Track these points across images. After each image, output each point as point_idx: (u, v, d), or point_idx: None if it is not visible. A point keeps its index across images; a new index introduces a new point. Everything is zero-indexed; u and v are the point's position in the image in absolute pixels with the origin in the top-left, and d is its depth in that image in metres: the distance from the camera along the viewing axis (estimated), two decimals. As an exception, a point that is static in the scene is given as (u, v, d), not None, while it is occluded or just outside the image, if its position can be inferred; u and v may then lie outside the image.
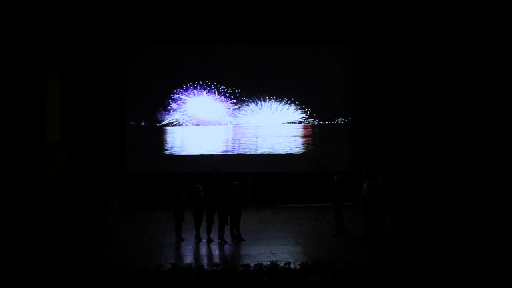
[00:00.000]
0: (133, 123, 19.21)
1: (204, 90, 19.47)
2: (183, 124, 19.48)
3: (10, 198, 15.15)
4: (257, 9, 18.16)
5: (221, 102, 19.55)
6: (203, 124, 19.54)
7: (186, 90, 19.40)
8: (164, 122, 19.36)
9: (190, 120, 19.49)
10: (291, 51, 19.62)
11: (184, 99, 19.42)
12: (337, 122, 19.88)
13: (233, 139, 19.66)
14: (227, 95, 19.53)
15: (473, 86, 17.46)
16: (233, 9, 18.20)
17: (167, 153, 19.40)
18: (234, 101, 19.56)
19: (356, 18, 18.89)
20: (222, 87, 19.50)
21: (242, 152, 19.60)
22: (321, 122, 19.79)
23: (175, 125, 19.43)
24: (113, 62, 18.76)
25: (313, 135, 19.84)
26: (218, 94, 19.51)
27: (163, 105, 19.32)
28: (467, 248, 13.37)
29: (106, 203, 16.79)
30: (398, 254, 13.20)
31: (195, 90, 19.45)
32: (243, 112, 19.61)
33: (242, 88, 19.55)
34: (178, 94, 19.37)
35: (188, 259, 12.91)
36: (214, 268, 11.79)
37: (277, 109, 19.71)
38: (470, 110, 17.53)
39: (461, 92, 17.77)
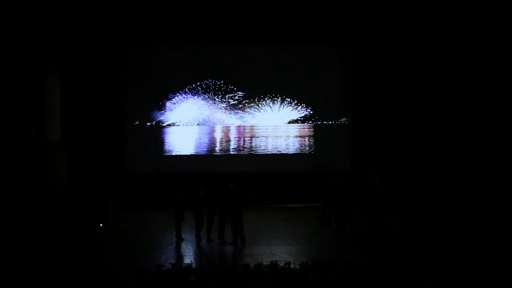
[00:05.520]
0: (133, 123, 19.21)
1: (203, 90, 19.47)
2: (183, 124, 19.48)
3: (10, 198, 15.17)
4: (257, 9, 18.18)
5: (221, 102, 19.55)
6: (203, 124, 19.54)
7: (186, 90, 19.40)
8: (164, 122, 19.35)
9: (190, 120, 19.48)
10: (291, 51, 19.62)
11: (184, 99, 19.42)
12: (337, 122, 19.88)
13: (233, 139, 19.66)
14: (227, 95, 19.52)
15: (472, 86, 17.48)
16: (233, 9, 18.21)
17: (167, 153, 19.40)
18: (234, 101, 19.56)
19: (355, 19, 18.90)
20: (222, 87, 19.50)
21: (239, 152, 19.63)
22: (321, 122, 19.79)
23: (175, 125, 19.43)
24: (113, 62, 18.76)
25: (313, 135, 19.85)
26: (218, 94, 19.51)
27: (163, 105, 19.33)
28: (466, 248, 13.38)
29: (106, 203, 16.79)
30: (398, 254, 13.20)
31: (194, 90, 19.45)
32: (243, 112, 19.60)
33: (242, 88, 19.55)
34: (178, 94, 19.37)
35: (188, 259, 12.92)
36: (214, 268, 11.79)
37: (277, 109, 19.72)
38: (470, 110, 17.56)
39: (460, 92, 17.80)
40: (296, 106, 19.72)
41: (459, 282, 11.35)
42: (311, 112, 19.75)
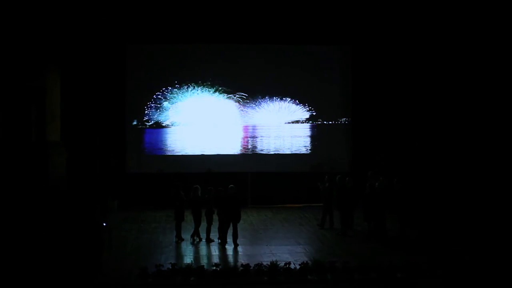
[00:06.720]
0: (133, 123, 19.22)
1: (204, 90, 19.47)
2: (183, 124, 19.47)
3: (11, 198, 15.16)
4: (257, 9, 18.18)
5: (221, 102, 19.54)
6: (203, 124, 19.52)
7: (186, 90, 19.40)
8: (163, 122, 19.35)
9: (190, 120, 19.47)
10: (291, 51, 19.61)
11: (184, 99, 19.41)
12: (337, 122, 19.88)
13: (233, 139, 19.65)
14: (227, 95, 19.52)
15: (472, 86, 17.49)
16: (232, 9, 18.20)
17: (166, 153, 19.40)
18: (234, 101, 19.55)
19: (355, 18, 18.90)
20: (221, 87, 19.50)
21: (241, 152, 19.64)
22: (321, 122, 19.79)
23: (175, 125, 19.42)
24: (113, 62, 18.76)
25: (313, 135, 19.84)
26: (217, 95, 19.51)
27: (163, 105, 19.32)
28: (466, 248, 13.39)
29: (106, 203, 16.78)
30: (398, 254, 13.21)
31: (195, 90, 19.45)
32: (242, 112, 19.60)
33: (242, 88, 19.53)
34: (178, 94, 19.37)
35: (188, 259, 12.92)
36: (214, 268, 11.81)
37: (277, 109, 19.71)
38: (469, 110, 17.57)
39: (460, 92, 17.81)
40: (295, 106, 19.70)
41: (460, 283, 11.37)
42: (311, 112, 19.75)
